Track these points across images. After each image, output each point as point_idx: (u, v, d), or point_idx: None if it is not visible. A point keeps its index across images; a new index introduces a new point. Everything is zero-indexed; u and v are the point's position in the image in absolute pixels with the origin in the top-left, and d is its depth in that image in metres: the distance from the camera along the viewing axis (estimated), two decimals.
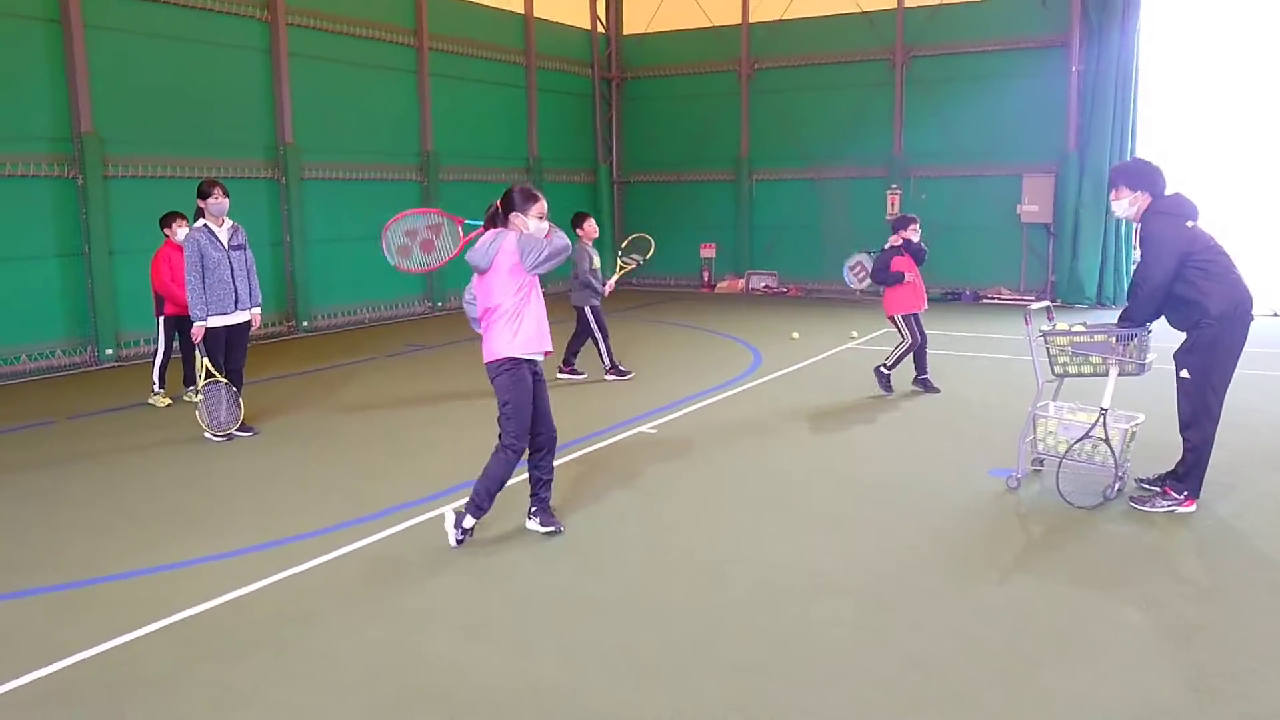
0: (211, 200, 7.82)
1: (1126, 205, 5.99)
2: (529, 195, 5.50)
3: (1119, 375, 6.06)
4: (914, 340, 9.30)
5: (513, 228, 5.44)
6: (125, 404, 9.50)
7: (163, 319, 9.33)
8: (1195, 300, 5.74)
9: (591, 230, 10.30)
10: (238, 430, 8.04)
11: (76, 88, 11.37)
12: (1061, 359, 6.23)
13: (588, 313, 10.19)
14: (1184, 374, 5.87)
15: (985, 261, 17.52)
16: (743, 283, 19.46)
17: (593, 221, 10.37)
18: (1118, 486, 6.12)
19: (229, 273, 7.88)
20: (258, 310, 8.22)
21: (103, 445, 7.93)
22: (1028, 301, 16.92)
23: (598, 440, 7.85)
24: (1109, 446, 6.04)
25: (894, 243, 9.61)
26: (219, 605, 4.74)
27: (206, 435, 7.96)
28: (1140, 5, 15.64)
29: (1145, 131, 16.35)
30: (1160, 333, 6.11)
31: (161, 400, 9.37)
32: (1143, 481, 6.33)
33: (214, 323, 7.85)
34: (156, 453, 7.68)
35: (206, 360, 7.94)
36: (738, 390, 9.79)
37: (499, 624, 4.52)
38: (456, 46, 16.79)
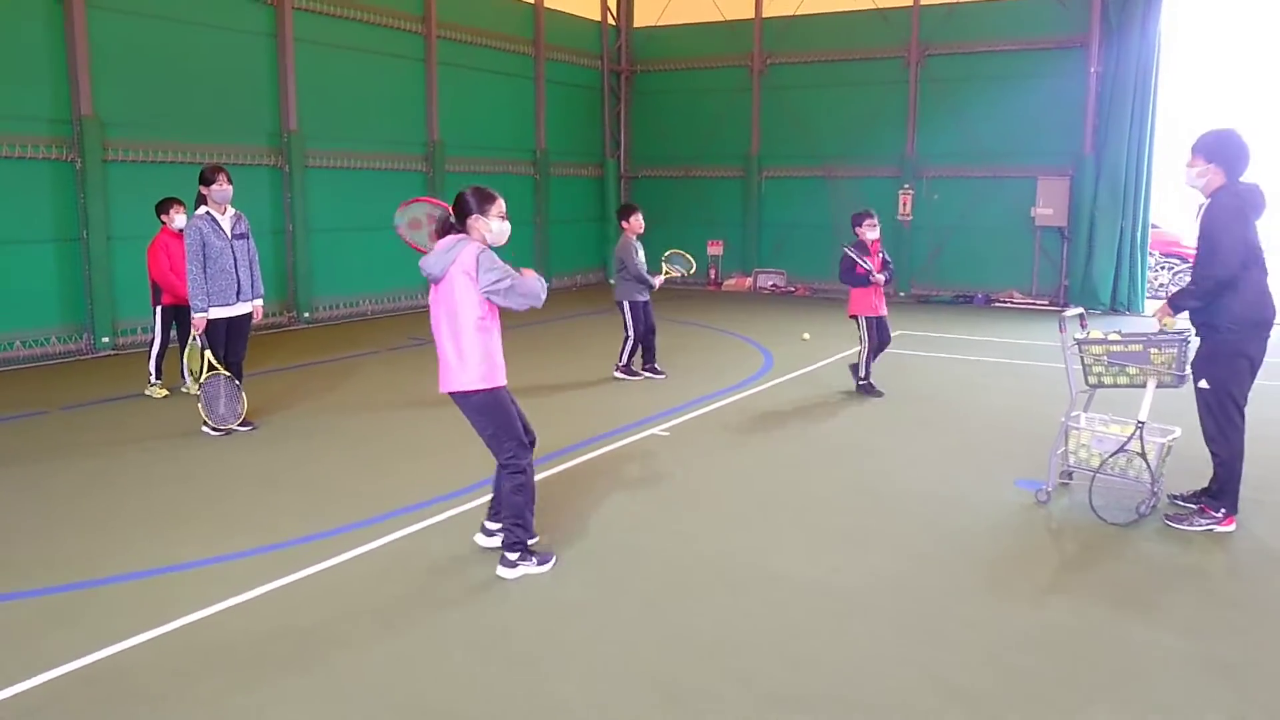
0: (215, 187, 7.55)
1: (1195, 175, 5.68)
2: (486, 195, 5.10)
3: (1157, 387, 5.82)
4: (872, 341, 9.35)
5: (473, 235, 5.05)
6: (121, 394, 9.25)
7: (159, 308, 9.09)
8: (1225, 303, 5.51)
9: (637, 225, 10.03)
10: (237, 425, 7.80)
11: (77, 69, 11.09)
12: (1096, 369, 5.98)
13: (626, 307, 9.93)
14: (1203, 384, 5.65)
15: (997, 264, 17.27)
16: (750, 281, 19.21)
17: (639, 215, 10.09)
18: (1152, 503, 5.88)
19: (231, 262, 7.63)
20: (259, 302, 7.98)
21: (96, 438, 7.68)
22: (1039, 306, 16.69)
23: (609, 441, 7.61)
24: (1145, 461, 5.80)
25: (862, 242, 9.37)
26: (218, 612, 4.50)
27: (205, 430, 7.71)
28: (1160, 5, 15.38)
29: (1164, 135, 16.11)
30: None
31: (159, 391, 9.12)
32: (1176, 498, 6.09)
33: (215, 314, 7.61)
34: (152, 446, 7.43)
35: (208, 353, 7.68)
36: (750, 393, 9.54)
37: (514, 639, 4.27)
38: (465, 35, 16.51)
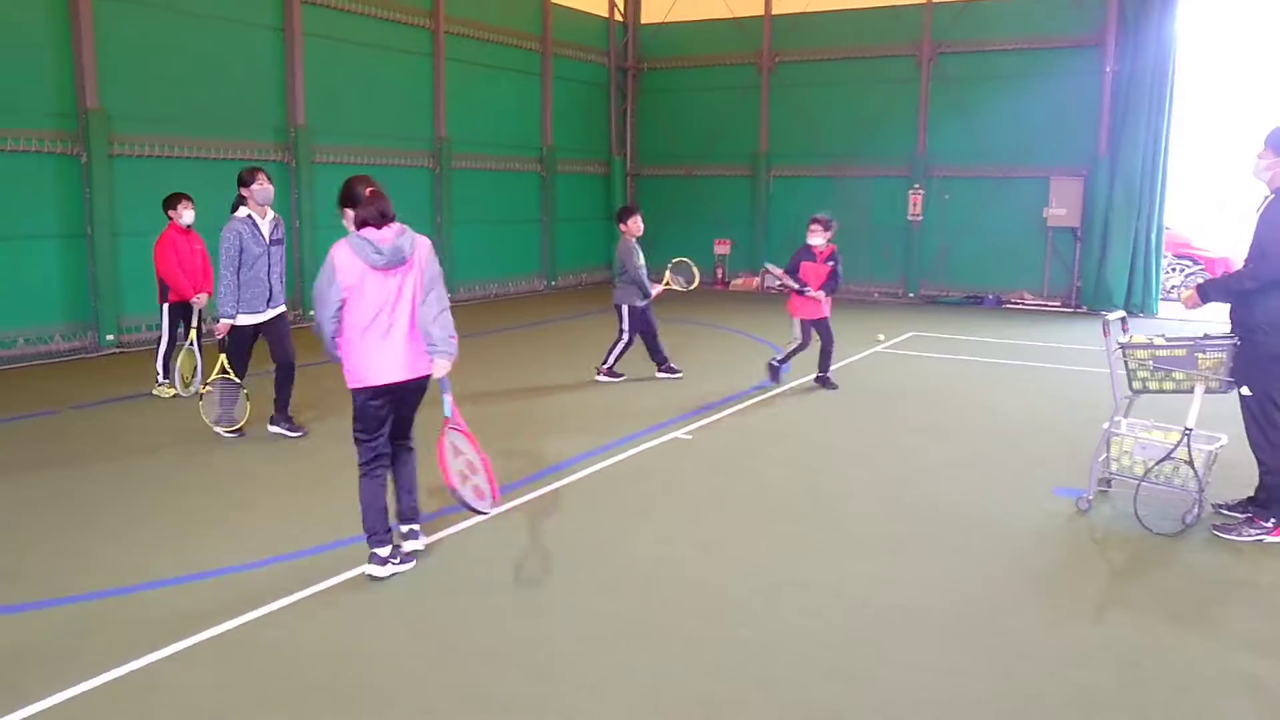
0: (256, 187, 7.16)
1: (1263, 168, 5.57)
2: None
3: (1205, 393, 5.65)
4: (804, 342, 9.60)
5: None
6: (129, 394, 9.06)
7: (166, 306, 8.88)
8: (1262, 306, 5.36)
9: (636, 227, 9.83)
10: (287, 430, 7.59)
11: (82, 61, 10.87)
12: (1141, 374, 5.82)
13: (625, 311, 9.74)
14: (1245, 391, 5.51)
15: (1008, 265, 17.11)
16: (758, 281, 19.03)
17: (639, 218, 9.88)
18: (1197, 512, 5.72)
19: (266, 270, 7.26)
20: (283, 308, 7.65)
21: (110, 438, 7.49)
22: (1051, 307, 16.54)
23: (632, 445, 7.43)
24: (1193, 469, 5.63)
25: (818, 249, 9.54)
26: (240, 625, 4.31)
27: (219, 431, 7.52)
28: (1177, 4, 15.21)
29: (1180, 136, 15.96)
30: None
31: (167, 390, 8.93)
32: (1221, 507, 5.93)
33: (242, 321, 7.29)
34: (166, 449, 7.24)
35: (223, 357, 7.45)
36: (770, 395, 9.37)
37: (552, 657, 4.09)
38: (472, 30, 16.32)
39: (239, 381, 7.54)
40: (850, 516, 5.93)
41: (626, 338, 9.82)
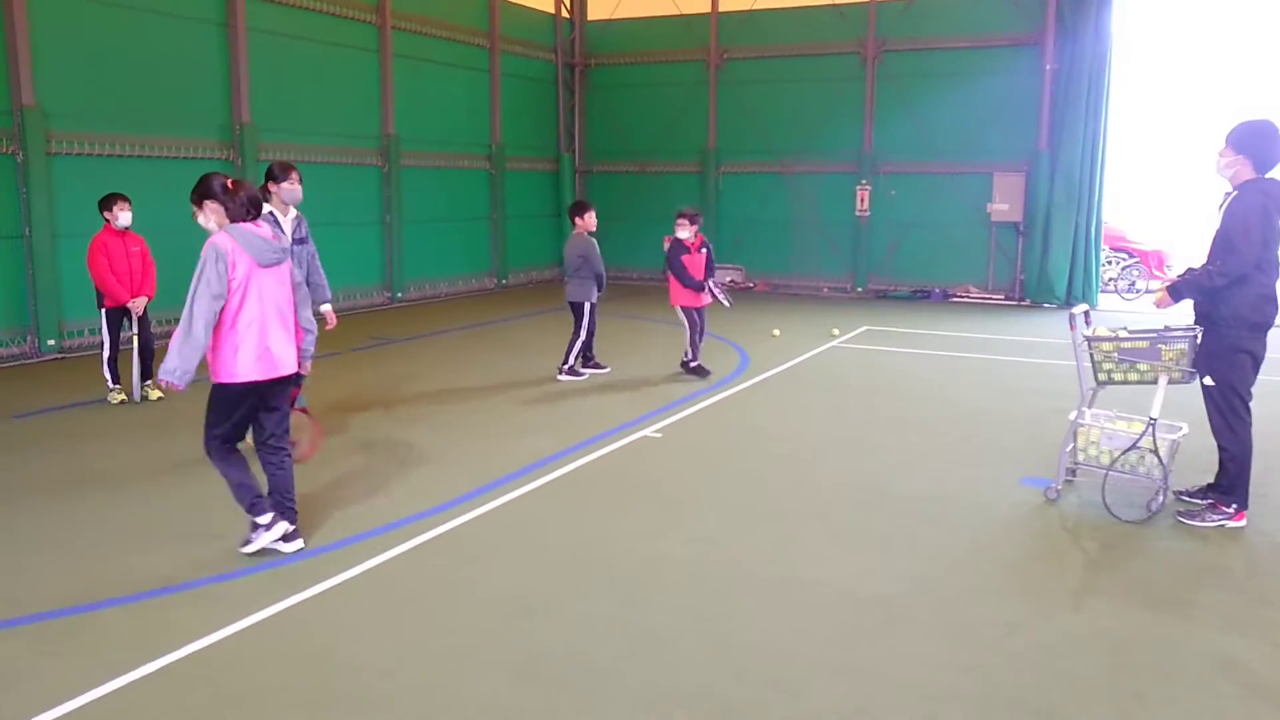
0: (287, 185, 6.85)
1: (1224, 166, 5.65)
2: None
3: (1168, 383, 5.81)
4: (695, 326, 9.85)
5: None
6: (74, 401, 8.76)
7: (104, 311, 8.60)
8: (1227, 298, 5.53)
9: (590, 222, 9.81)
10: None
11: (18, 57, 10.47)
12: (1106, 365, 5.96)
13: (586, 309, 9.71)
14: (1208, 380, 5.67)
15: (953, 260, 17.42)
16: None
17: (593, 213, 9.90)
18: (1162, 500, 5.88)
19: None
20: (328, 306, 7.36)
21: (60, 445, 7.23)
22: (995, 300, 16.89)
23: (602, 444, 7.40)
24: (1158, 458, 5.79)
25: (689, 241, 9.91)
26: (219, 641, 4.19)
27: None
28: (1112, 3, 15.62)
29: (1116, 132, 16.40)
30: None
31: (117, 396, 8.65)
32: (1183, 494, 6.11)
33: None
34: (122, 453, 7.02)
35: None
36: (734, 390, 9.41)
37: (549, 661, 4.05)
38: (419, 26, 16.09)
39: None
40: (831, 511, 5.97)
41: (584, 334, 9.79)
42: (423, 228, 16.41)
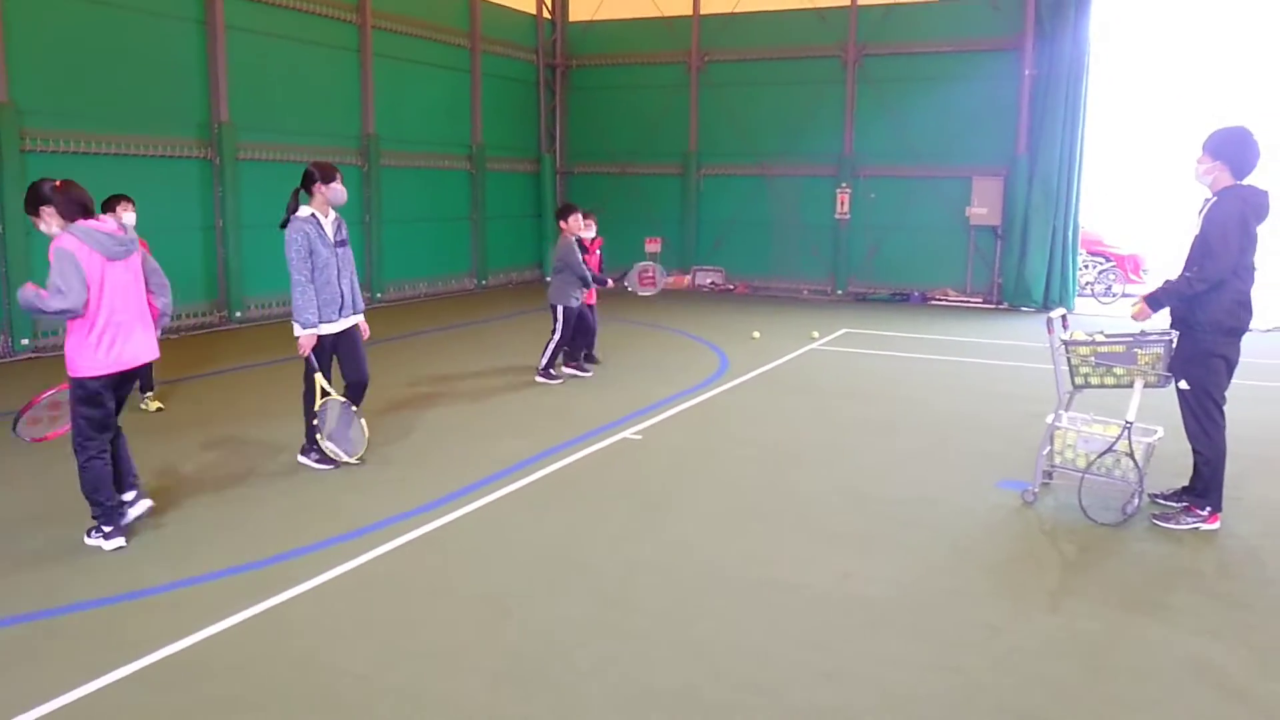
0: (336, 186, 6.61)
1: (1202, 172, 5.68)
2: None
3: (1144, 387, 5.86)
4: (567, 333, 9.82)
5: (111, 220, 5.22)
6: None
7: None
8: (1203, 304, 5.59)
9: (576, 225, 9.80)
10: (316, 463, 6.81)
11: None
12: (1084, 369, 6.01)
13: (560, 311, 9.68)
14: (1183, 385, 5.73)
15: (932, 263, 17.52)
16: (688, 279, 19.14)
17: (579, 215, 9.87)
18: (1137, 503, 5.93)
19: (335, 273, 6.67)
20: (360, 318, 7.02)
21: (39, 453, 7.15)
22: (973, 304, 17.00)
23: (581, 446, 7.39)
24: (1133, 461, 5.85)
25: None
26: (196, 644, 4.15)
27: (347, 461, 6.82)
28: (1090, 9, 15.77)
29: (1094, 137, 16.55)
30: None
31: None
32: (1157, 497, 6.17)
33: (324, 330, 6.69)
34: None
35: (318, 376, 6.71)
36: (714, 392, 9.42)
37: (528, 663, 4.04)
38: (400, 25, 16.04)
39: (345, 400, 6.85)
40: (810, 514, 5.99)
41: (559, 336, 9.76)
42: (402, 228, 16.35)
